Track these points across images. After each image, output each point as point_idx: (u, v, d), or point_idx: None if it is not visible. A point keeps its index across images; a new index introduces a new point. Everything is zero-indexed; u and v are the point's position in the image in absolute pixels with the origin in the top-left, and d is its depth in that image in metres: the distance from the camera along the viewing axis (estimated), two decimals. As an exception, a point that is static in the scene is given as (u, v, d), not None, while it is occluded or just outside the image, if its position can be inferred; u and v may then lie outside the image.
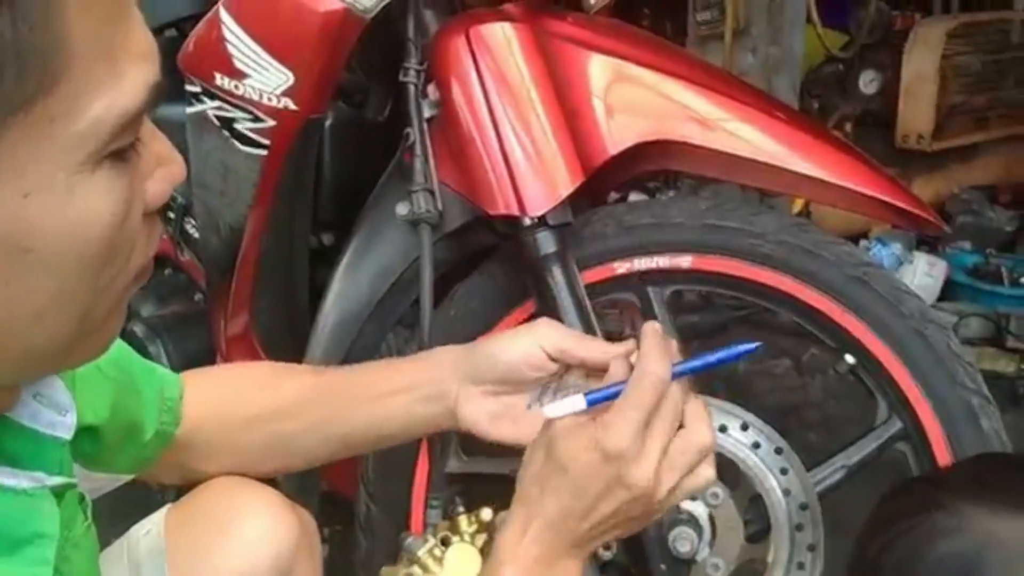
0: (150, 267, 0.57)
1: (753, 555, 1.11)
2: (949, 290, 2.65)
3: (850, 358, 1.11)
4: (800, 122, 1.12)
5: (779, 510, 1.09)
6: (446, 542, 1.02)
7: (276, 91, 1.10)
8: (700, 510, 1.08)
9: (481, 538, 1.05)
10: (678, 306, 1.20)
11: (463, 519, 1.06)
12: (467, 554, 1.02)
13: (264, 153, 1.16)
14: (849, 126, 3.03)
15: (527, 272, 1.07)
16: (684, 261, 1.12)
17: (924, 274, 2.61)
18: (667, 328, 1.11)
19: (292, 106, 1.11)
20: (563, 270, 1.05)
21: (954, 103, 2.91)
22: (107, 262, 0.51)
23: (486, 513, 1.06)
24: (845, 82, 3.07)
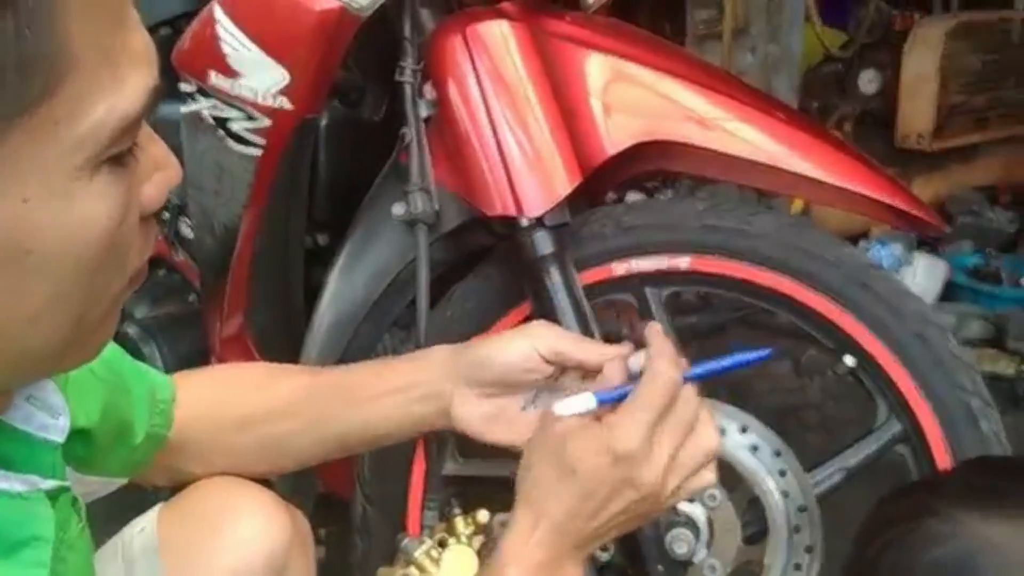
0: (145, 270, 0.57)
1: (751, 557, 1.11)
2: (949, 291, 2.64)
3: (849, 360, 1.10)
4: (799, 122, 1.11)
5: (777, 512, 1.09)
6: (442, 544, 1.02)
7: (271, 90, 1.10)
8: (698, 512, 1.07)
9: (478, 540, 1.05)
10: (676, 307, 1.20)
11: (459, 521, 1.06)
12: (463, 556, 1.02)
13: (259, 153, 1.15)
14: (849, 126, 3.03)
15: (524, 273, 1.07)
16: (682, 262, 1.11)
17: (924, 275, 2.60)
18: (665, 329, 1.10)
19: (287, 105, 1.11)
20: (560, 271, 1.05)
21: (954, 103, 2.91)
22: (103, 265, 0.50)
23: (482, 515, 1.06)
24: (845, 82, 3.06)
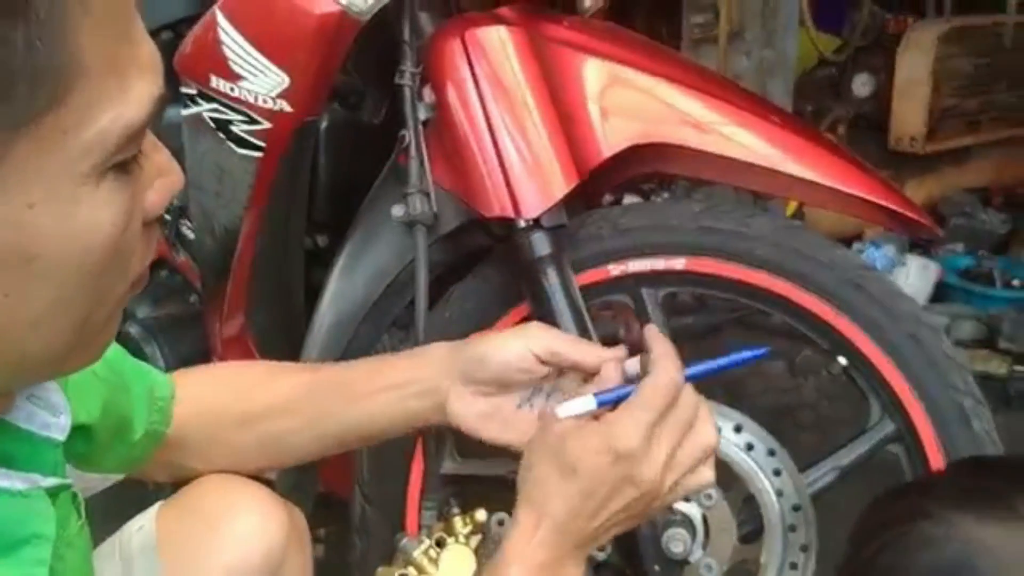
0: (146, 275, 0.57)
1: (746, 556, 1.11)
2: (941, 292, 2.66)
3: (843, 360, 1.11)
4: (794, 125, 1.12)
5: (772, 511, 1.09)
6: (441, 543, 1.03)
7: (271, 93, 1.11)
8: (694, 511, 1.08)
9: (476, 539, 1.05)
10: (672, 308, 1.21)
11: (458, 520, 1.07)
12: (462, 555, 1.02)
13: (259, 155, 1.16)
14: (842, 129, 3.04)
15: (522, 274, 1.07)
16: (678, 263, 1.12)
17: (917, 276, 2.61)
18: (661, 330, 1.11)
19: (287, 108, 1.11)
20: (558, 272, 1.05)
21: (947, 106, 2.93)
22: (107, 271, 0.51)
23: (481, 514, 1.07)
24: (839, 85, 3.08)
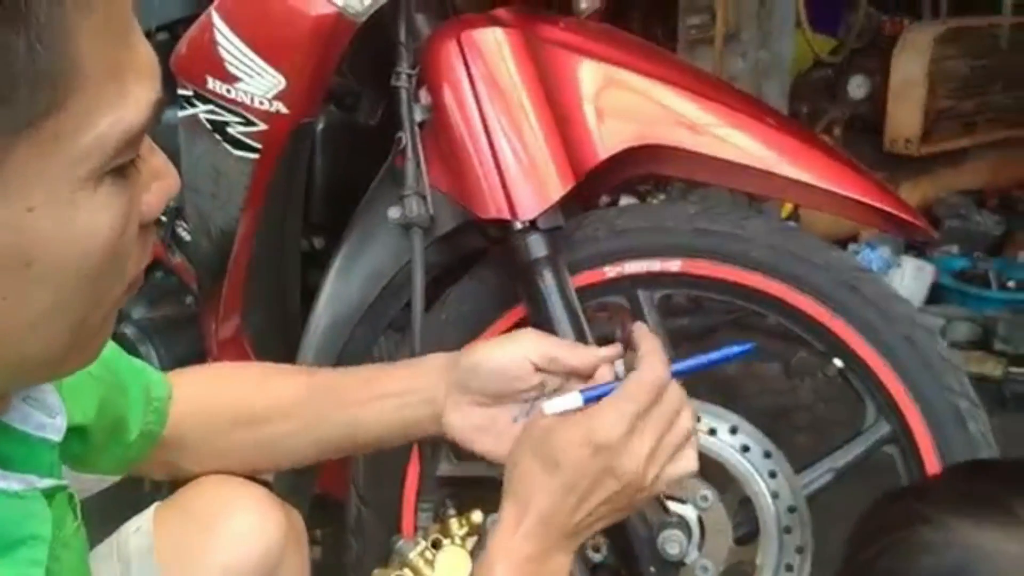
0: (142, 277, 0.58)
1: (742, 557, 1.12)
2: (937, 293, 2.66)
3: (839, 362, 1.11)
4: (789, 127, 1.12)
5: (768, 513, 1.10)
6: (437, 545, 1.03)
7: (268, 95, 1.11)
8: (689, 513, 1.08)
9: (472, 541, 1.05)
10: (668, 309, 1.21)
11: (454, 522, 1.07)
12: (458, 557, 1.03)
13: (255, 157, 1.16)
14: (838, 130, 3.05)
15: (518, 276, 1.07)
16: (674, 265, 1.12)
17: (912, 278, 2.62)
18: (657, 331, 1.11)
19: (284, 110, 1.11)
20: (554, 274, 1.05)
21: (942, 108, 2.93)
22: (104, 274, 0.51)
23: (477, 516, 1.07)
24: (834, 87, 3.09)
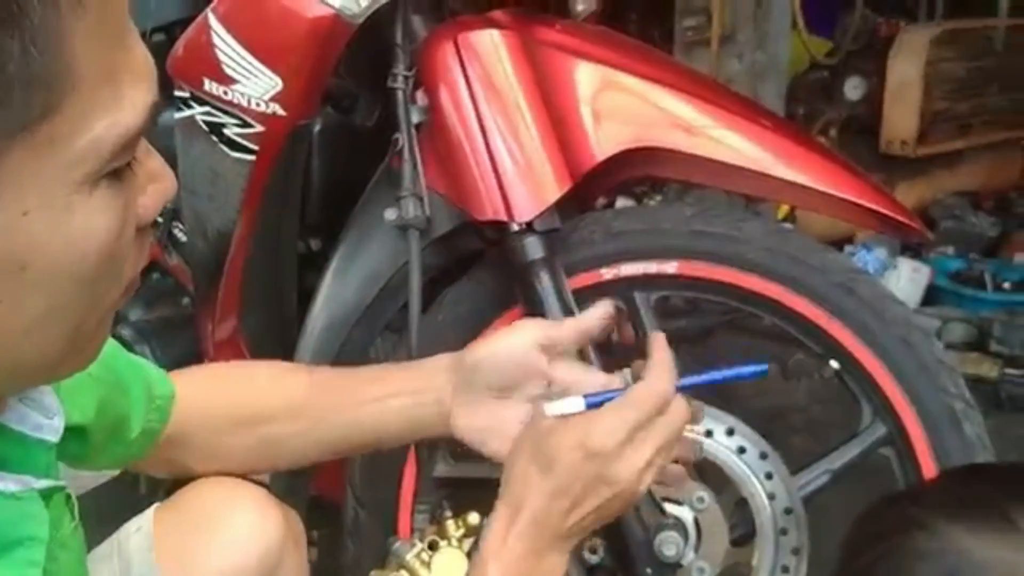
0: (138, 279, 0.57)
1: (738, 559, 1.12)
2: (932, 295, 2.67)
3: (835, 363, 1.11)
4: (785, 129, 1.12)
5: (764, 514, 1.10)
6: (434, 546, 1.03)
7: (264, 97, 1.11)
8: (686, 514, 1.08)
9: (468, 542, 1.05)
10: (664, 311, 1.21)
11: (451, 523, 1.07)
12: (454, 558, 1.03)
13: (252, 158, 1.16)
14: (834, 132, 3.06)
15: (515, 277, 1.08)
16: (670, 267, 1.12)
17: (908, 279, 2.63)
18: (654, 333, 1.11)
19: (280, 112, 1.11)
20: (550, 276, 1.05)
21: (938, 109, 2.94)
22: (100, 278, 0.51)
23: (474, 517, 1.07)
24: (830, 88, 3.09)
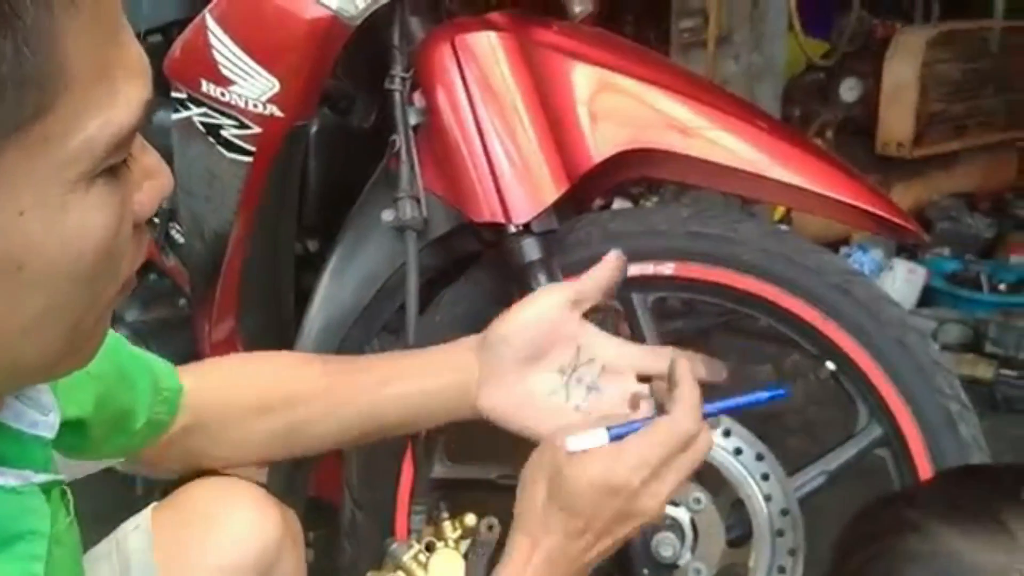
0: (134, 277, 0.57)
1: (735, 560, 1.12)
2: (928, 296, 2.68)
3: (831, 364, 1.11)
4: (781, 131, 1.13)
5: (760, 515, 1.10)
6: (430, 547, 1.03)
7: (262, 98, 1.11)
8: (682, 515, 1.08)
9: (465, 543, 1.06)
10: (661, 312, 1.21)
11: (447, 524, 1.07)
12: (451, 559, 1.03)
13: (249, 160, 1.16)
14: (830, 133, 3.06)
15: (512, 279, 1.08)
16: (667, 268, 1.12)
17: (904, 280, 2.63)
18: (650, 334, 1.12)
19: (278, 113, 1.12)
20: (548, 277, 1.06)
21: (934, 111, 2.95)
22: (98, 276, 0.51)
23: (470, 518, 1.07)
24: (826, 90, 3.10)
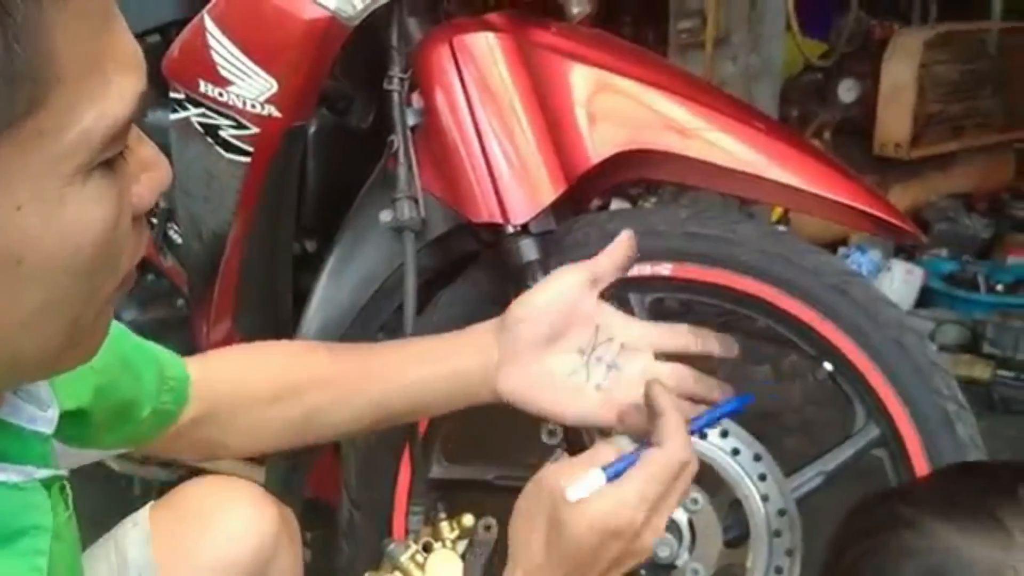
0: (134, 272, 0.57)
1: (732, 560, 1.12)
2: (926, 297, 2.68)
3: (828, 365, 1.12)
4: (779, 132, 1.13)
5: (758, 516, 1.10)
6: (428, 548, 1.03)
7: (260, 98, 1.11)
8: (680, 516, 1.09)
9: (463, 544, 1.06)
10: (659, 312, 1.21)
11: (445, 525, 1.07)
12: (449, 560, 1.03)
13: (248, 160, 1.16)
14: (828, 134, 3.07)
15: (510, 279, 1.08)
16: (664, 269, 1.12)
17: (901, 281, 2.64)
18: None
19: (276, 113, 1.12)
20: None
21: (931, 112, 2.95)
22: (97, 270, 0.51)
23: (467, 519, 1.07)
24: (824, 91, 3.11)
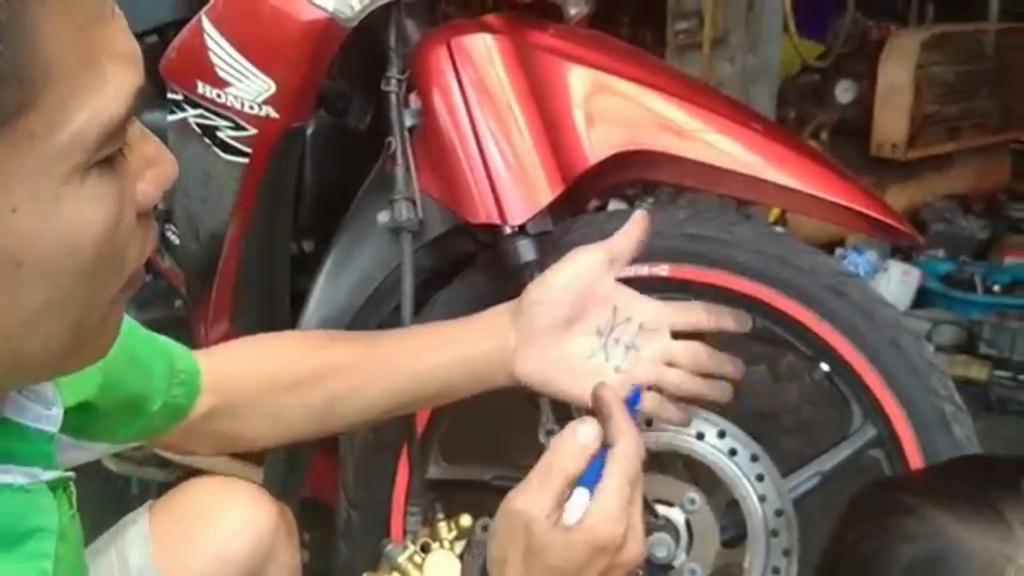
0: (142, 272, 0.56)
1: (729, 560, 1.12)
2: (923, 297, 2.68)
3: (825, 366, 1.12)
4: (776, 133, 1.13)
5: (755, 516, 1.10)
6: (426, 548, 1.03)
7: (258, 99, 1.11)
8: (677, 516, 1.09)
9: (460, 544, 1.06)
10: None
11: (443, 525, 1.07)
12: (447, 560, 1.03)
13: (245, 161, 1.16)
14: (825, 135, 3.07)
15: (507, 280, 1.08)
16: (662, 269, 1.12)
17: (898, 282, 2.64)
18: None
19: (274, 114, 1.11)
20: (543, 278, 1.06)
21: (928, 113, 2.96)
22: (100, 269, 0.50)
23: (465, 519, 1.07)
24: (821, 91, 3.11)
